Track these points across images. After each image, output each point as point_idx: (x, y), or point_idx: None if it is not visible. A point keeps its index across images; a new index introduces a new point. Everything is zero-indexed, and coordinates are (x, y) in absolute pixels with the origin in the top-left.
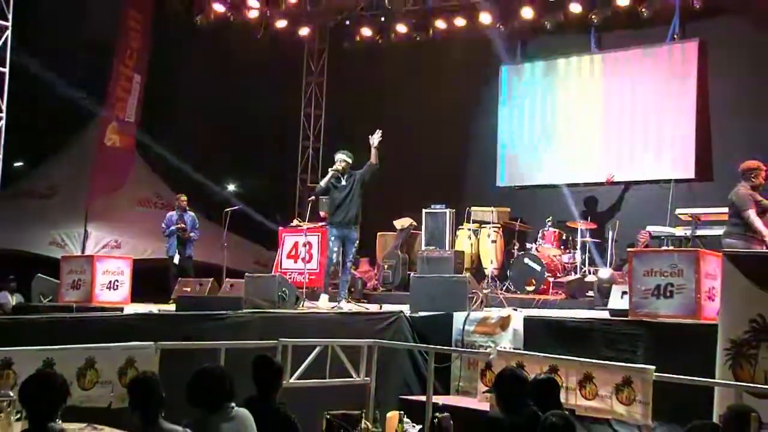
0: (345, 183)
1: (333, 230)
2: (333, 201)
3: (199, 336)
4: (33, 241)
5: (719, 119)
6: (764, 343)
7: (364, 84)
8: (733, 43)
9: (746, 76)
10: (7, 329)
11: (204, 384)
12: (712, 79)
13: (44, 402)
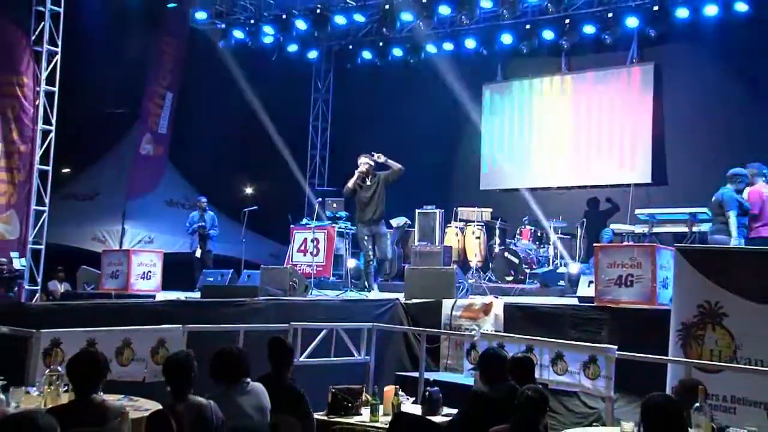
0: (370, 183)
1: (363, 229)
2: (360, 200)
3: (220, 320)
4: (78, 237)
5: (672, 131)
6: (710, 326)
7: (364, 100)
8: (683, 67)
9: (695, 94)
10: (56, 313)
11: (224, 362)
12: (666, 97)
13: (88, 376)
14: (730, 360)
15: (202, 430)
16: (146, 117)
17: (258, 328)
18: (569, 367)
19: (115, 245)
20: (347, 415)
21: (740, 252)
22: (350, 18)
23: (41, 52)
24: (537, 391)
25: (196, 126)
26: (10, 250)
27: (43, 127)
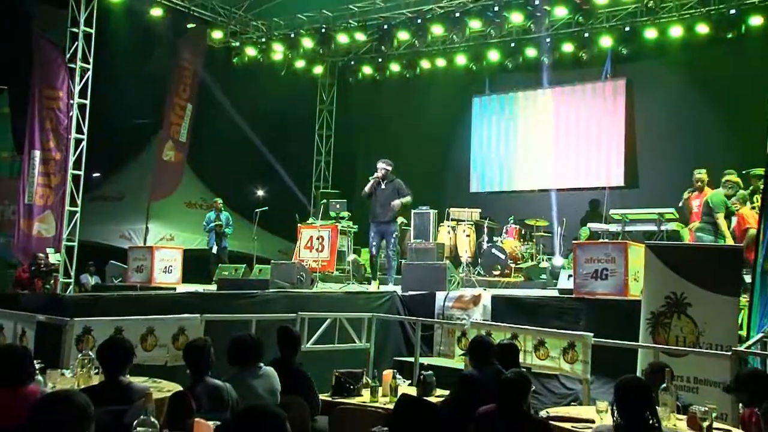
0: (384, 187)
1: (373, 226)
2: (375, 201)
3: (234, 310)
4: (106, 234)
5: (642, 140)
6: (676, 314)
7: (365, 111)
8: (652, 81)
9: (663, 106)
10: (87, 303)
11: (239, 348)
12: (637, 108)
13: (116, 360)
14: (693, 345)
15: (218, 409)
16: (168, 126)
17: (268, 318)
18: (550, 353)
19: (140, 242)
20: (349, 396)
21: (702, 248)
22: (352, 37)
23: (75, 69)
24: (521, 374)
25: (213, 134)
26: (46, 246)
27: (76, 135)
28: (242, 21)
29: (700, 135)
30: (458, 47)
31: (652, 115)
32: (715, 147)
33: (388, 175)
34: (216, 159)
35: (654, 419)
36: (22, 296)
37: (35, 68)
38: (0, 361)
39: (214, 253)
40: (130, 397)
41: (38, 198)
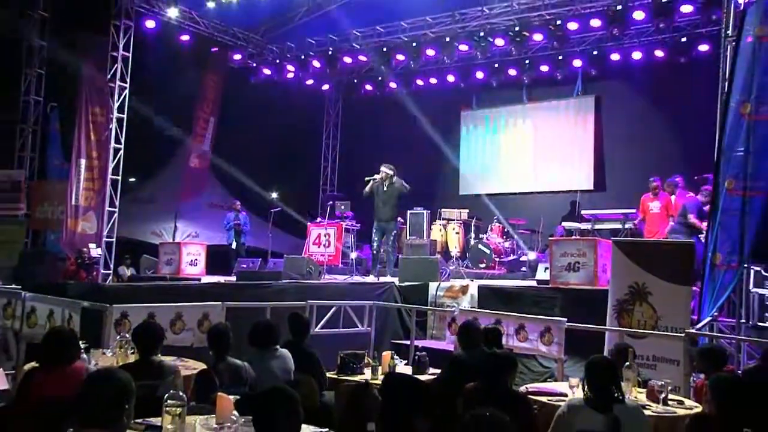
0: (386, 189)
1: (375, 224)
2: (377, 202)
3: (252, 298)
4: (141, 232)
5: (609, 149)
6: (638, 302)
7: (366, 123)
8: (617, 98)
9: (626, 120)
10: (124, 292)
11: (259, 332)
12: (604, 122)
13: (149, 342)
14: (652, 328)
15: (237, 385)
16: (194, 137)
17: (281, 305)
18: (529, 336)
19: (169, 238)
20: (353, 375)
21: (660, 243)
22: (355, 58)
23: (114, 87)
24: (505, 354)
25: (233, 144)
26: (89, 242)
27: (115, 145)
28: (259, 45)
29: (658, 145)
30: (448, 67)
31: (617, 128)
32: (670, 155)
33: (389, 178)
34: (236, 165)
35: (619, 392)
36: (69, 285)
37: (81, 88)
38: (52, 341)
39: (234, 248)
40: (161, 374)
41: (83, 200)
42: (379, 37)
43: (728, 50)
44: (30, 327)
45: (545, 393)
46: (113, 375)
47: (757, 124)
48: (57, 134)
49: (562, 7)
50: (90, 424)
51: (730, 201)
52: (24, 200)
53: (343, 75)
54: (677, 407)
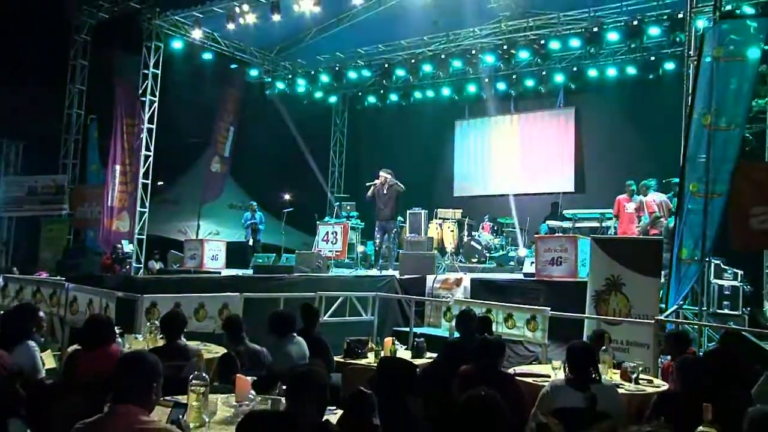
0: (386, 192)
1: (377, 223)
2: (378, 203)
3: (267, 290)
4: (168, 230)
5: (588, 155)
6: (613, 292)
7: (369, 132)
8: (595, 110)
9: (603, 129)
10: (154, 284)
11: (278, 321)
12: (583, 131)
13: (174, 328)
14: (626, 316)
15: (256, 367)
16: (215, 145)
17: (294, 296)
18: (517, 323)
19: (193, 236)
20: (358, 358)
21: (633, 240)
22: (360, 73)
23: (145, 101)
24: (496, 339)
25: (250, 150)
26: (123, 239)
27: (145, 153)
28: (273, 62)
29: (631, 151)
30: (443, 81)
31: (595, 136)
32: (642, 161)
33: (387, 180)
34: (252, 170)
35: (596, 373)
36: (106, 278)
37: (116, 102)
38: (91, 326)
39: (250, 245)
40: (186, 357)
41: (117, 201)
42: (381, 54)
43: (690, 68)
44: (72, 314)
45: (531, 374)
46: (143, 357)
47: (717, 134)
48: (95, 143)
49: (544, 29)
50: (123, 399)
51: (694, 202)
52: (67, 202)
53: (348, 89)
54: (647, 386)
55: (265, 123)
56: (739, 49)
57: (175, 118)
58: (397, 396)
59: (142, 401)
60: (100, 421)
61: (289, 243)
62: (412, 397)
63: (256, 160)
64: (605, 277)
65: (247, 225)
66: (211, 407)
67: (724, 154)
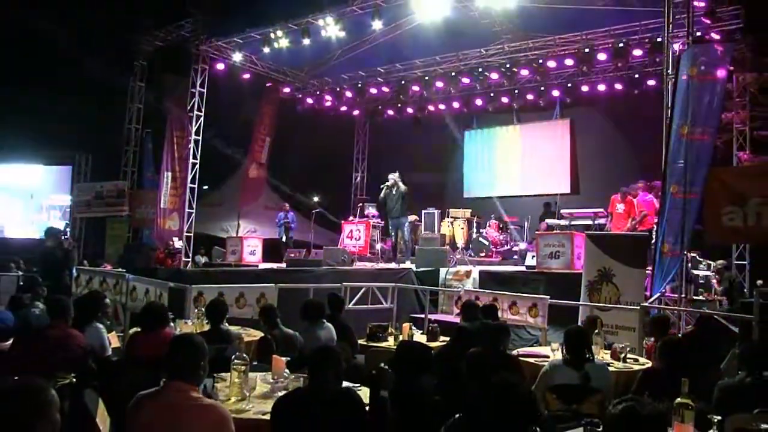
0: (395, 193)
1: (390, 221)
2: (389, 204)
3: (298, 281)
4: (212, 228)
5: (582, 161)
6: (605, 282)
7: (388, 141)
8: (588, 121)
9: (595, 139)
10: (200, 275)
11: (309, 308)
12: (578, 140)
13: (218, 314)
14: (616, 303)
15: (290, 349)
16: (253, 153)
17: (322, 286)
18: (520, 310)
19: (234, 234)
20: (379, 341)
21: (622, 236)
22: (380, 89)
23: (192, 116)
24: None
25: (284, 159)
26: (173, 236)
27: (192, 161)
28: (303, 80)
29: (619, 158)
30: (454, 96)
31: (588, 144)
32: (629, 166)
33: (395, 183)
34: (286, 176)
35: (590, 354)
36: (159, 270)
37: (168, 117)
38: (149, 312)
39: (283, 241)
40: (228, 340)
41: (168, 203)
42: (398, 72)
43: (669, 85)
44: (132, 301)
45: (532, 355)
46: (190, 339)
47: (692, 143)
48: (150, 153)
49: (543, 49)
50: (176, 376)
51: (674, 202)
52: (127, 204)
53: (369, 103)
54: (633, 364)
55: (297, 134)
56: (709, 69)
57: (218, 131)
58: (414, 374)
59: (191, 377)
60: (156, 393)
61: (317, 240)
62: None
63: (288, 167)
64: (597, 268)
65: (281, 224)
66: (251, 383)
67: (699, 159)
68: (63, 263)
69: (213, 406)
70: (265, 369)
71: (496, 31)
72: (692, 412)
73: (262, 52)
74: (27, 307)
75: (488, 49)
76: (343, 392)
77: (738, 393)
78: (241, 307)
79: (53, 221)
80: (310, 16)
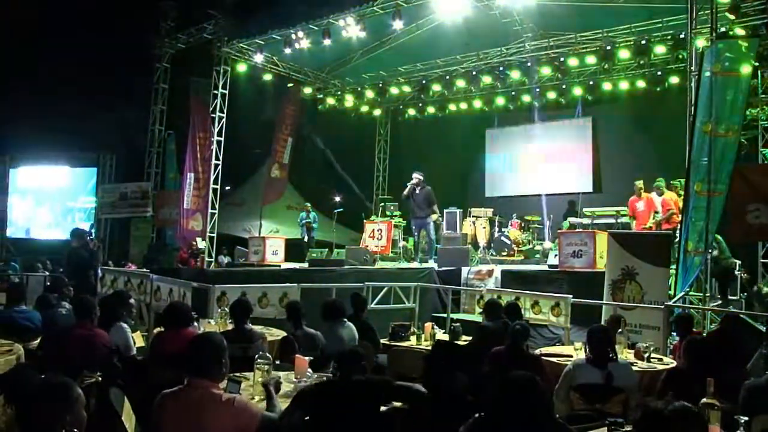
0: (418, 192)
1: (413, 222)
2: (413, 203)
3: (320, 281)
4: (234, 228)
5: (604, 159)
6: (628, 281)
7: (410, 141)
8: (609, 119)
9: (616, 136)
10: (223, 275)
11: (331, 308)
12: (599, 138)
13: (242, 314)
14: (639, 302)
15: (311, 349)
16: (275, 154)
17: (344, 286)
18: (542, 309)
19: (256, 234)
20: (401, 341)
21: (645, 234)
22: (401, 89)
23: (215, 117)
24: (522, 324)
25: (306, 158)
26: (196, 236)
27: (215, 161)
28: (324, 80)
29: (641, 156)
30: (475, 95)
31: (610, 142)
32: (651, 164)
33: (420, 182)
34: (307, 175)
35: (613, 353)
36: (183, 270)
37: (190, 118)
38: (172, 312)
39: (306, 241)
40: (251, 339)
41: (191, 204)
42: (419, 72)
43: (692, 82)
44: (156, 300)
45: (555, 354)
46: (209, 337)
47: (716, 140)
48: (172, 154)
49: (563, 48)
50: (198, 374)
51: (697, 200)
52: (150, 205)
53: (390, 103)
54: (658, 363)
55: (318, 134)
56: (733, 66)
57: (240, 131)
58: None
59: (213, 375)
60: (179, 391)
61: (339, 239)
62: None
63: (310, 167)
64: (621, 267)
65: (303, 224)
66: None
67: (723, 157)
68: (88, 263)
69: (232, 398)
70: (288, 368)
71: (516, 29)
72: (718, 412)
73: (283, 52)
74: (54, 307)
75: (509, 48)
76: (367, 381)
77: (765, 393)
78: (263, 306)
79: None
80: (330, 17)
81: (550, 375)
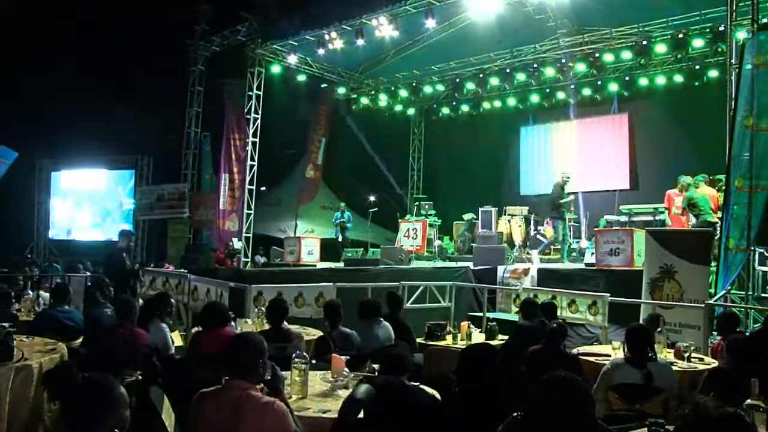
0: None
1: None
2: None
3: (356, 280)
4: (270, 229)
5: (640, 156)
6: (667, 279)
7: (444, 139)
8: (646, 115)
9: (653, 133)
10: (259, 275)
11: (366, 307)
12: (636, 134)
13: (278, 314)
14: (679, 300)
15: (348, 349)
16: (309, 154)
17: (380, 285)
18: (579, 308)
19: (291, 234)
20: (437, 340)
21: (684, 231)
22: (434, 87)
23: (249, 119)
24: (559, 324)
25: (340, 158)
26: (233, 237)
27: (250, 163)
28: (358, 80)
29: (680, 152)
30: (509, 93)
31: (647, 139)
32: (689, 160)
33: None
34: (341, 175)
35: (652, 353)
36: (219, 270)
37: (226, 119)
38: (210, 311)
39: (340, 241)
40: (288, 339)
41: (227, 205)
42: (453, 70)
43: (733, 75)
44: (194, 300)
45: (593, 354)
46: (248, 337)
47: (759, 135)
48: (208, 156)
49: (599, 43)
50: (237, 375)
51: (739, 197)
52: (187, 206)
53: (424, 101)
54: (698, 363)
55: (353, 134)
56: None
57: (275, 132)
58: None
59: (252, 376)
60: (218, 391)
61: (374, 239)
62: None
63: (344, 167)
64: (659, 265)
65: (337, 223)
66: (311, 382)
67: (766, 152)
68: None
69: (271, 402)
70: (324, 368)
71: (550, 26)
72: (763, 414)
73: (316, 53)
74: (101, 306)
75: (543, 45)
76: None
77: None
78: (299, 306)
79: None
80: (363, 17)
81: (588, 374)
